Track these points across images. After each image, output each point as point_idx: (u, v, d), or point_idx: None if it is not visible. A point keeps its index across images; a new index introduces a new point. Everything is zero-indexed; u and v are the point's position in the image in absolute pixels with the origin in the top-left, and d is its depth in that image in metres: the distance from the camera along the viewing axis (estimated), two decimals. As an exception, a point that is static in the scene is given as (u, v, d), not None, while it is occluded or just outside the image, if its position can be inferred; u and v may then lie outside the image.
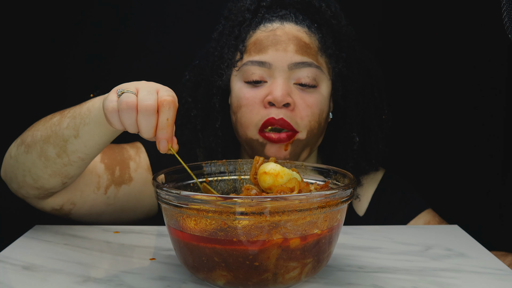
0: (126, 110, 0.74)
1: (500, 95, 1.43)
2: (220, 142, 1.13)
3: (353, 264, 0.85)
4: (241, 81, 1.06)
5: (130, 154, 1.09)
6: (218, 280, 0.72)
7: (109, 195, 1.04)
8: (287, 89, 1.03)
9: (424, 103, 1.46)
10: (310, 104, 1.04)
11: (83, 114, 0.86)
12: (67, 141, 0.88)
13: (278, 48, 1.04)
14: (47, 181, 0.94)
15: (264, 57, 1.04)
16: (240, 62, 1.07)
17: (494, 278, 0.81)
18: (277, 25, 1.06)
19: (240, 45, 1.08)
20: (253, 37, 1.07)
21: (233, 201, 0.67)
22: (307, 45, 1.05)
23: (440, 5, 1.41)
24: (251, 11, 1.09)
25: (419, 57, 1.44)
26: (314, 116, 1.05)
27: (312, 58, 1.05)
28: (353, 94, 1.12)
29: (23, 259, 0.85)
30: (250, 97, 1.04)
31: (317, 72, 1.05)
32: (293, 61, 1.03)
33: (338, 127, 1.15)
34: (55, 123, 0.90)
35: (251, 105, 1.04)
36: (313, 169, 0.88)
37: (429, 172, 1.46)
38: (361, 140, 1.14)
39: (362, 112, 1.14)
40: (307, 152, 1.08)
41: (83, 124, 0.86)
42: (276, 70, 1.03)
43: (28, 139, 0.93)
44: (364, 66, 1.16)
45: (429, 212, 1.16)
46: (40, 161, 0.91)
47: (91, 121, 0.85)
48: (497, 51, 1.40)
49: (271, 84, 1.04)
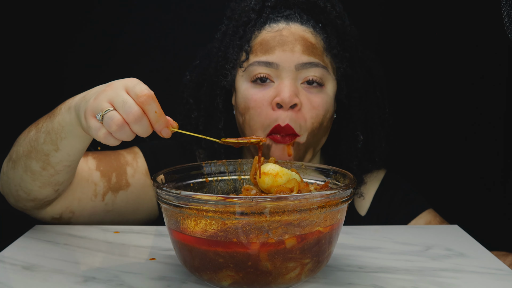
0: (119, 129, 0.73)
1: (500, 95, 1.43)
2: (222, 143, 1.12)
3: (353, 264, 0.85)
4: (248, 82, 1.06)
5: (127, 159, 1.09)
6: (224, 281, 0.72)
7: (107, 202, 1.04)
8: (294, 90, 1.03)
9: (424, 103, 1.46)
10: (316, 105, 1.04)
11: (56, 129, 0.86)
12: (48, 155, 0.88)
13: (285, 49, 1.03)
14: (39, 193, 0.94)
15: (271, 57, 1.04)
16: (246, 62, 1.07)
17: (494, 278, 0.81)
18: (283, 25, 1.06)
19: (245, 45, 1.07)
20: (258, 37, 1.06)
21: (233, 201, 0.67)
22: (313, 45, 1.05)
23: (440, 5, 1.41)
24: (256, 11, 1.08)
25: (419, 57, 1.44)
26: (318, 118, 1.04)
27: (318, 58, 1.05)
28: (357, 93, 1.13)
29: (23, 259, 0.85)
30: (258, 98, 1.04)
31: (323, 72, 1.05)
32: (300, 61, 1.03)
33: (342, 126, 1.15)
34: (32, 139, 0.90)
35: (259, 107, 1.04)
36: (313, 169, 0.88)
37: (429, 172, 1.46)
38: (364, 139, 1.15)
39: (365, 111, 1.15)
40: (310, 153, 1.08)
41: (60, 138, 0.86)
42: (284, 70, 1.03)
43: (13, 155, 0.93)
44: (367, 66, 1.16)
45: (430, 212, 1.16)
46: (26, 175, 0.92)
47: (67, 135, 0.85)
48: (497, 51, 1.40)
49: (278, 85, 1.04)
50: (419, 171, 1.43)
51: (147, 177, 1.09)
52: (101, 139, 0.76)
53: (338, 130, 1.16)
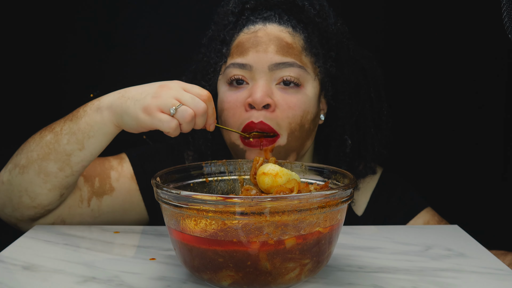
0: (190, 121, 0.86)
1: (500, 95, 1.43)
2: (209, 145, 1.12)
3: (353, 264, 0.85)
4: (225, 85, 1.06)
5: (112, 164, 1.09)
6: (224, 281, 0.72)
7: (92, 208, 1.04)
8: (267, 91, 1.01)
9: (424, 103, 1.46)
10: (293, 105, 1.02)
11: (83, 129, 0.93)
12: (70, 155, 0.94)
13: (258, 50, 1.03)
14: (46, 197, 0.96)
15: (245, 59, 1.03)
16: (224, 65, 1.07)
17: (494, 278, 0.81)
18: (260, 26, 1.05)
19: (224, 49, 1.07)
20: (236, 40, 1.06)
21: (233, 201, 0.67)
22: (289, 45, 1.03)
23: (441, 5, 1.41)
24: (235, 14, 1.08)
25: (419, 57, 1.44)
26: (296, 118, 1.02)
27: (295, 58, 1.03)
28: (345, 95, 1.10)
29: (23, 259, 0.85)
30: (232, 100, 1.04)
31: (300, 72, 1.03)
32: (273, 61, 1.02)
33: (331, 129, 1.13)
34: (51, 141, 0.95)
35: (232, 109, 1.03)
36: (313, 169, 0.88)
37: (429, 172, 1.46)
38: (355, 143, 1.13)
39: (356, 113, 1.12)
40: (293, 157, 1.06)
41: (87, 137, 0.93)
42: (257, 71, 1.02)
43: (22, 161, 0.96)
44: (359, 66, 1.14)
45: (428, 211, 1.16)
46: (39, 178, 0.95)
47: (96, 133, 0.93)
48: (497, 51, 1.40)
49: (252, 87, 1.03)
50: (419, 171, 1.43)
51: (133, 181, 1.09)
52: (172, 130, 0.86)
53: (329, 133, 1.13)
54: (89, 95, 1.33)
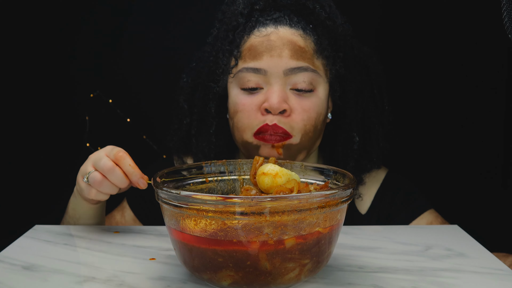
0: (100, 184, 0.89)
1: (500, 95, 1.43)
2: (213, 148, 1.12)
3: (353, 264, 0.85)
4: (237, 88, 1.06)
5: (117, 220, 1.17)
6: (223, 281, 0.72)
7: None
8: (283, 96, 1.02)
9: (425, 104, 1.46)
10: (307, 108, 1.03)
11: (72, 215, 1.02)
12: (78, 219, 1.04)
13: (272, 54, 1.02)
14: None
15: (259, 63, 1.03)
16: (235, 68, 1.06)
17: (494, 278, 0.81)
18: (271, 29, 1.04)
19: (234, 51, 1.06)
20: (247, 42, 1.05)
21: (233, 201, 0.67)
22: (302, 48, 1.04)
23: (440, 5, 1.41)
24: (244, 15, 1.07)
25: (420, 56, 1.44)
26: (310, 120, 1.04)
27: (308, 62, 1.03)
28: (352, 93, 1.11)
29: (23, 259, 0.85)
30: (247, 103, 1.04)
31: (313, 76, 1.04)
32: (288, 66, 1.02)
33: (338, 127, 1.14)
34: None
35: (247, 111, 1.04)
36: (313, 169, 0.88)
37: (430, 172, 1.46)
38: (361, 139, 1.14)
39: (361, 110, 1.13)
40: (303, 154, 1.07)
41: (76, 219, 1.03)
42: (272, 76, 1.03)
43: None
44: (363, 63, 1.14)
45: (431, 213, 1.16)
46: None
47: (80, 217, 1.01)
48: (497, 51, 1.40)
49: (267, 91, 1.03)
50: (420, 171, 1.43)
51: (136, 222, 1.17)
52: (92, 197, 0.92)
53: (334, 131, 1.15)
54: (91, 95, 1.33)
